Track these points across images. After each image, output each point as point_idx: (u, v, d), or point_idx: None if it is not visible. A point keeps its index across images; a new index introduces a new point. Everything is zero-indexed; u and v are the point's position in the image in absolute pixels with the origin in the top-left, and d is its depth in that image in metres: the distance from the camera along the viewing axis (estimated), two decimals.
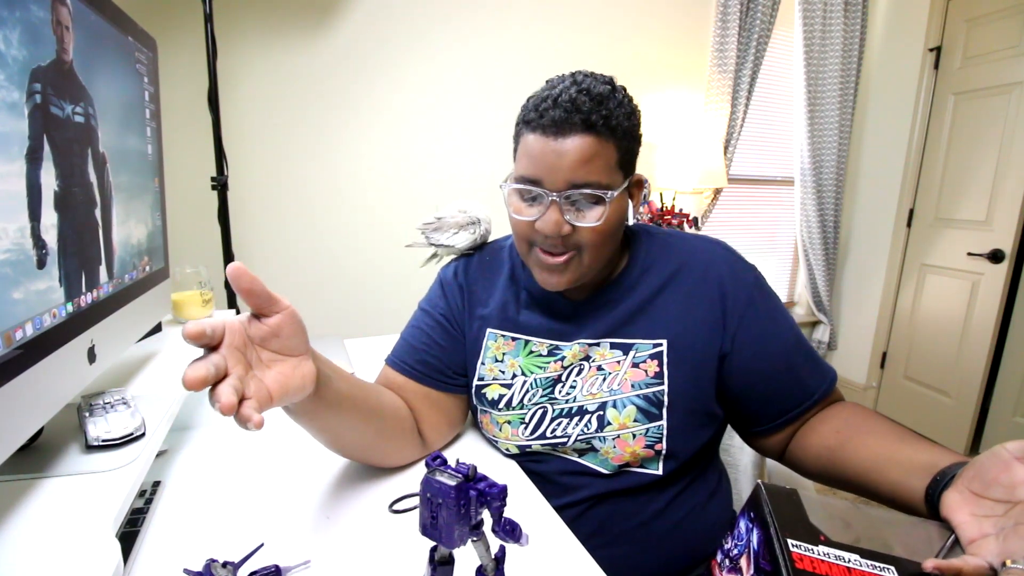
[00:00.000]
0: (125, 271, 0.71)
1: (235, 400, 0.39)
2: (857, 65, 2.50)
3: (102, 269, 0.63)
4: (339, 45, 1.77)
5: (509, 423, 0.73)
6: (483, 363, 0.76)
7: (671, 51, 2.26)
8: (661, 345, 0.69)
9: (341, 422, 0.60)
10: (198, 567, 0.48)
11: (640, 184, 0.70)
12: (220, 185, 1.49)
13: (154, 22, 1.49)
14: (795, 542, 0.39)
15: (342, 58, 1.78)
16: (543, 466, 0.73)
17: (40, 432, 0.59)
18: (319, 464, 0.73)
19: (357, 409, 0.62)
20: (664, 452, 0.67)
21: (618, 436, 0.68)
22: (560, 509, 0.68)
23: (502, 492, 0.40)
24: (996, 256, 2.13)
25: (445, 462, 0.41)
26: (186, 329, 0.39)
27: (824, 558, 0.38)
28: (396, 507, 0.64)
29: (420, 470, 0.72)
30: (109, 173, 0.64)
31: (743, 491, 0.93)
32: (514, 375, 0.74)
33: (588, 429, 0.69)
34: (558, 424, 0.71)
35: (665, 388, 0.67)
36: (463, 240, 0.83)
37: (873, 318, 2.64)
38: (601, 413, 0.69)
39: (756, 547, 0.42)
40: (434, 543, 0.42)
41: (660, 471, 0.68)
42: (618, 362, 0.70)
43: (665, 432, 0.67)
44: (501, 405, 0.74)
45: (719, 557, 0.49)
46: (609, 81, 0.64)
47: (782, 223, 2.75)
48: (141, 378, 0.78)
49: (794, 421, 0.70)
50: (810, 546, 0.39)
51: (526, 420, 0.72)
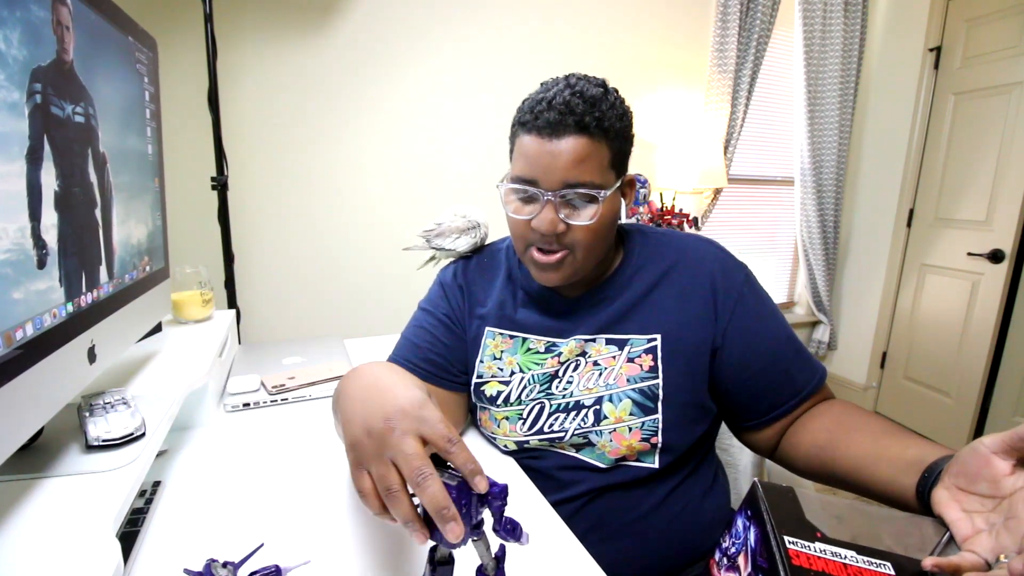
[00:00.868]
0: (125, 271, 0.71)
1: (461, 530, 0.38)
2: (857, 65, 2.50)
3: (102, 269, 0.63)
4: (339, 45, 1.77)
5: (507, 419, 0.74)
6: (482, 361, 0.77)
7: (671, 51, 2.26)
8: (655, 340, 0.70)
9: None
10: (198, 567, 0.48)
11: (632, 184, 0.71)
12: (220, 185, 1.49)
13: (154, 22, 1.49)
14: (791, 539, 0.39)
15: (342, 58, 1.78)
16: (541, 462, 0.73)
17: (40, 432, 0.59)
18: (319, 464, 0.73)
19: None
20: (660, 445, 0.68)
21: (614, 430, 0.68)
22: (558, 504, 0.68)
23: (503, 492, 0.40)
24: (996, 256, 2.13)
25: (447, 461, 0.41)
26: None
27: (820, 555, 0.38)
28: None
29: None
30: (109, 173, 0.64)
31: (743, 491, 0.93)
32: (512, 372, 0.75)
33: (585, 423, 0.70)
34: (555, 419, 0.71)
35: (660, 382, 0.69)
36: (465, 244, 0.85)
37: (873, 318, 2.64)
38: (597, 407, 0.70)
39: (753, 545, 0.42)
40: (434, 543, 0.42)
41: (656, 464, 0.69)
42: (613, 357, 0.71)
43: (660, 425, 0.68)
44: (499, 401, 0.74)
45: (717, 556, 0.49)
46: (602, 83, 0.66)
47: (782, 223, 2.75)
48: (141, 378, 0.78)
49: (783, 416, 0.71)
50: (807, 543, 0.39)
51: (524, 416, 0.73)
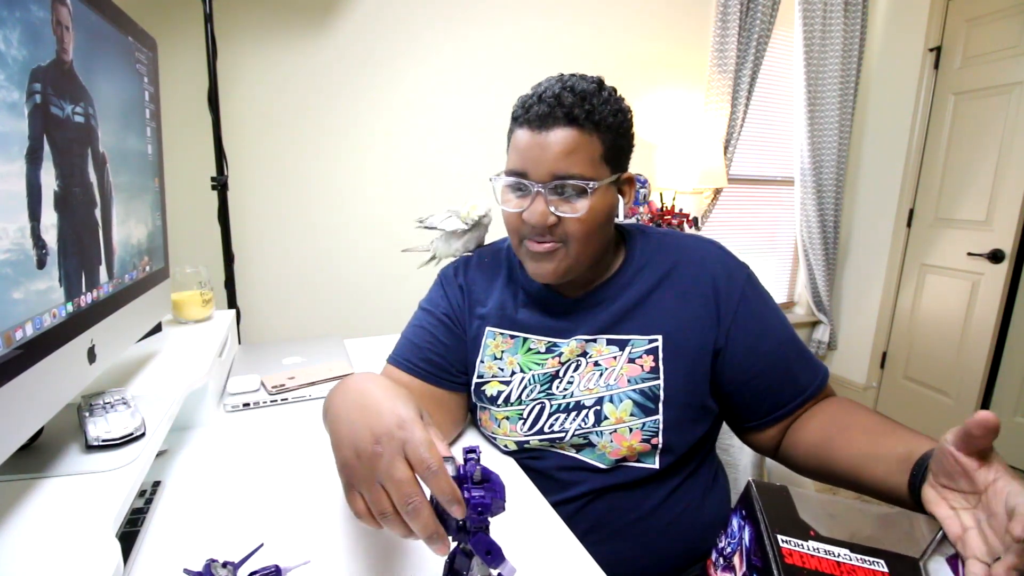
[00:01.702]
0: (125, 271, 0.71)
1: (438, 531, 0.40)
2: (857, 65, 2.50)
3: (102, 269, 0.63)
4: (339, 45, 1.77)
5: (508, 419, 0.74)
6: (482, 361, 0.77)
7: (671, 51, 2.26)
8: (656, 341, 0.70)
9: None
10: (198, 567, 0.48)
11: (631, 182, 0.71)
12: (220, 185, 1.49)
13: (154, 22, 1.49)
14: (785, 538, 0.39)
15: (342, 58, 1.78)
16: (541, 463, 0.73)
17: (40, 432, 0.59)
18: (319, 464, 0.73)
19: None
20: (660, 446, 0.68)
21: (615, 430, 0.68)
22: (559, 505, 0.68)
23: (482, 509, 0.39)
24: (996, 256, 2.13)
25: (474, 460, 0.41)
26: None
27: (814, 553, 0.38)
28: None
29: None
30: (109, 173, 0.64)
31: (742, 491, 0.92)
32: (513, 372, 0.75)
33: (585, 424, 0.70)
34: (556, 419, 0.71)
35: (661, 383, 0.68)
36: (452, 224, 0.85)
37: (873, 318, 2.64)
38: (598, 408, 0.70)
39: (748, 544, 0.42)
40: (451, 556, 0.43)
41: (656, 465, 0.69)
42: (614, 358, 0.71)
43: (661, 426, 0.68)
44: (500, 401, 0.74)
45: (714, 556, 0.49)
46: (596, 80, 0.66)
47: (782, 223, 2.75)
48: (141, 378, 0.78)
49: (786, 417, 0.71)
50: (800, 541, 0.39)
51: (524, 416, 0.73)
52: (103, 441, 0.57)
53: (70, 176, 0.54)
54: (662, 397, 0.68)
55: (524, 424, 0.73)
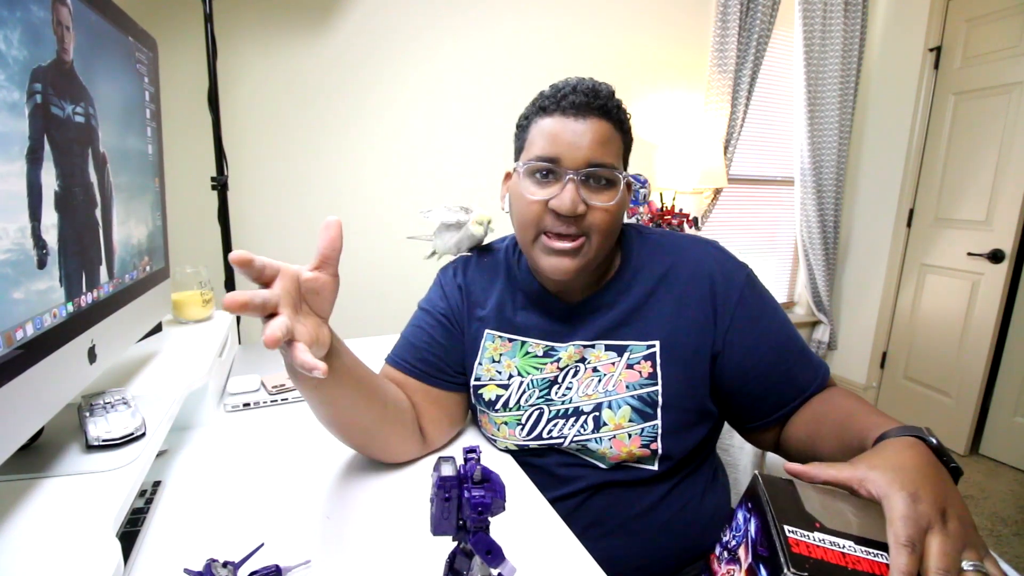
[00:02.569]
0: (125, 271, 0.71)
1: (279, 336, 0.40)
2: (857, 65, 2.50)
3: (102, 269, 0.63)
4: (339, 45, 1.77)
5: (506, 424, 0.74)
6: (480, 363, 0.76)
7: (671, 51, 2.26)
8: (654, 346, 0.70)
9: (344, 397, 0.61)
10: (198, 567, 0.48)
11: (628, 186, 0.72)
12: (220, 185, 1.49)
13: (154, 22, 1.49)
14: (791, 528, 0.40)
15: (342, 58, 1.78)
16: (540, 459, 0.73)
17: (40, 432, 0.59)
18: (319, 464, 0.73)
19: (361, 388, 0.63)
20: (660, 451, 0.68)
21: (614, 436, 0.68)
22: (557, 501, 0.68)
23: (482, 509, 0.40)
24: (996, 256, 2.13)
25: (474, 460, 0.41)
26: (233, 255, 0.42)
27: (820, 543, 0.39)
28: None
29: (420, 469, 0.72)
30: (109, 173, 0.64)
31: (742, 490, 0.93)
32: (511, 376, 0.74)
33: (584, 430, 0.70)
34: (554, 425, 0.71)
35: (659, 388, 0.68)
36: (451, 217, 0.84)
37: (873, 318, 2.64)
38: (597, 414, 0.69)
39: (754, 535, 0.42)
40: (451, 556, 0.44)
41: (656, 468, 0.69)
42: (613, 363, 0.71)
43: (660, 431, 0.68)
44: (498, 406, 0.74)
45: (717, 550, 0.49)
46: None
47: (782, 223, 2.75)
48: (141, 378, 0.78)
49: (787, 417, 0.71)
50: (806, 532, 0.40)
51: (523, 421, 0.73)
52: (103, 441, 0.57)
53: (70, 176, 0.54)
54: (660, 402, 0.68)
55: (523, 429, 0.73)
